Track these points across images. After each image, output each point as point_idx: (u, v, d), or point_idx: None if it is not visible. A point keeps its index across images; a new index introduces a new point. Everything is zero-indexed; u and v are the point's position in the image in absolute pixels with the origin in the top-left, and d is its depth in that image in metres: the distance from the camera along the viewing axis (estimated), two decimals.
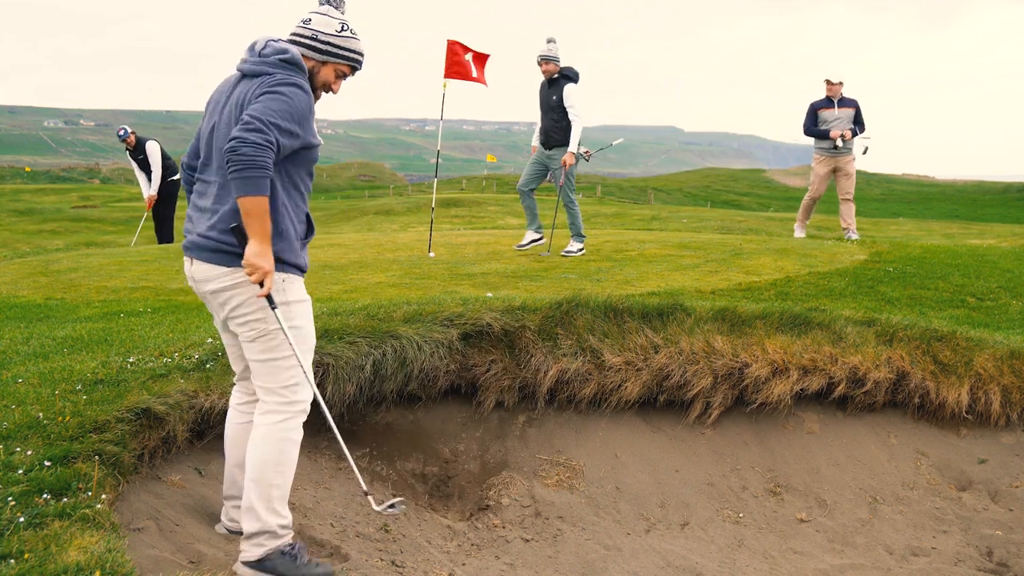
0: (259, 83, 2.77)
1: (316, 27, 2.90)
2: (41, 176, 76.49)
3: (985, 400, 4.59)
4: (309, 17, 2.93)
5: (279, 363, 2.87)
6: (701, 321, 4.63)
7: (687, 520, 4.16)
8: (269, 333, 2.83)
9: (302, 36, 2.91)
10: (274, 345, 2.85)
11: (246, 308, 2.83)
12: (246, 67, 2.85)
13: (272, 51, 2.83)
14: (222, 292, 2.84)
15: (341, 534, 3.50)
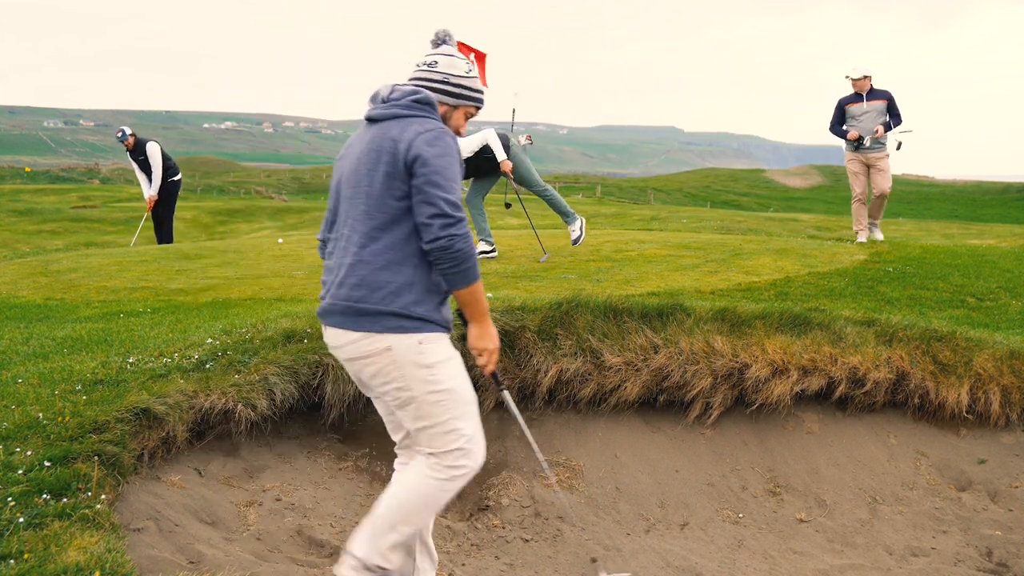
0: (401, 129, 2.59)
1: (445, 70, 2.76)
2: (41, 176, 76.47)
3: (985, 400, 4.59)
4: (434, 60, 2.77)
5: (436, 429, 2.63)
6: (701, 321, 4.63)
7: (687, 520, 4.16)
8: (416, 399, 2.61)
9: (432, 80, 2.75)
10: (426, 412, 2.62)
11: (386, 377, 2.62)
12: (376, 113, 2.68)
13: (401, 94, 2.68)
14: (357, 360, 2.64)
15: (341, 534, 3.50)
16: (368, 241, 2.59)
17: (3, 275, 7.65)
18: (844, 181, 38.85)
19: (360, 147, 2.67)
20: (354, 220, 2.63)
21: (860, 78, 9.17)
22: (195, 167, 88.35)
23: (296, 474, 3.82)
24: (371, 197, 2.58)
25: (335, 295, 2.64)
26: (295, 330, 4.10)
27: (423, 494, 2.66)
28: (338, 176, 2.76)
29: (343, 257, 2.65)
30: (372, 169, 2.59)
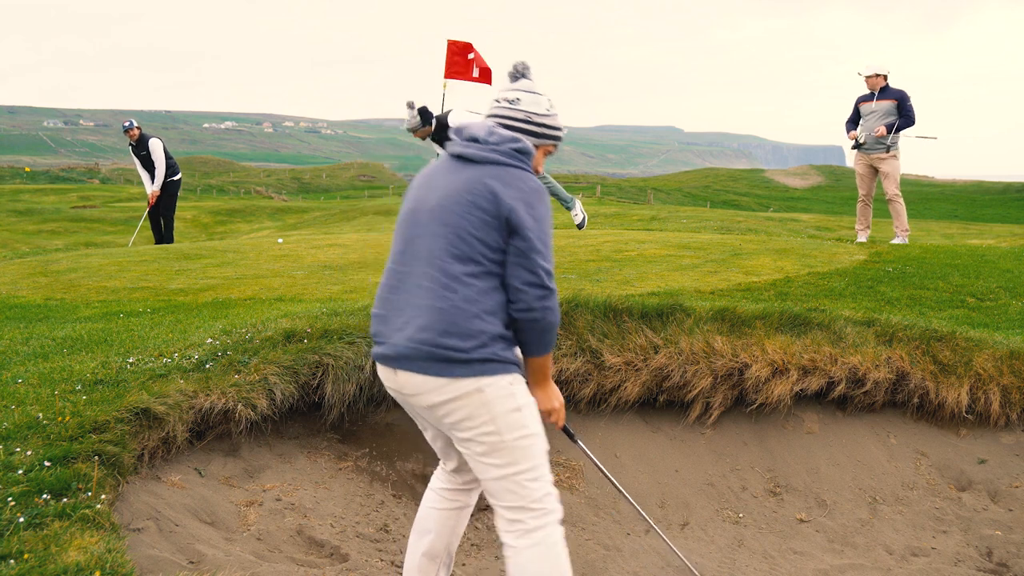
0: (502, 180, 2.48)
1: (527, 108, 2.65)
2: (41, 176, 76.49)
3: (985, 400, 4.59)
4: (517, 97, 2.66)
5: (522, 476, 2.52)
6: (701, 321, 4.63)
7: (687, 520, 4.16)
8: (506, 444, 2.49)
9: (514, 119, 2.64)
10: (515, 457, 2.51)
11: (473, 421, 2.48)
12: (472, 154, 2.53)
13: (500, 139, 2.55)
14: (441, 405, 2.50)
15: (341, 534, 3.50)
16: (457, 285, 2.45)
17: (3, 275, 7.65)
18: (844, 181, 39.37)
19: (451, 184, 2.52)
20: (438, 260, 2.47)
21: (871, 76, 9.03)
22: (195, 167, 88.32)
23: (296, 474, 3.82)
24: (463, 240, 2.46)
25: (414, 339, 2.46)
26: (295, 330, 4.10)
27: (545, 557, 2.53)
28: (414, 205, 2.59)
29: (418, 297, 2.48)
30: (467, 213, 2.46)
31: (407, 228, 2.59)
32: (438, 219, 2.50)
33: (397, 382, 2.56)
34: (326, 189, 79.16)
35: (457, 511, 2.85)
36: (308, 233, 23.04)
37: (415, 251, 2.53)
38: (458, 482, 2.84)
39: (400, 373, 2.52)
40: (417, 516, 2.88)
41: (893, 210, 9.26)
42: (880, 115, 8.98)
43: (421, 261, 2.51)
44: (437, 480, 2.88)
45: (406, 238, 2.58)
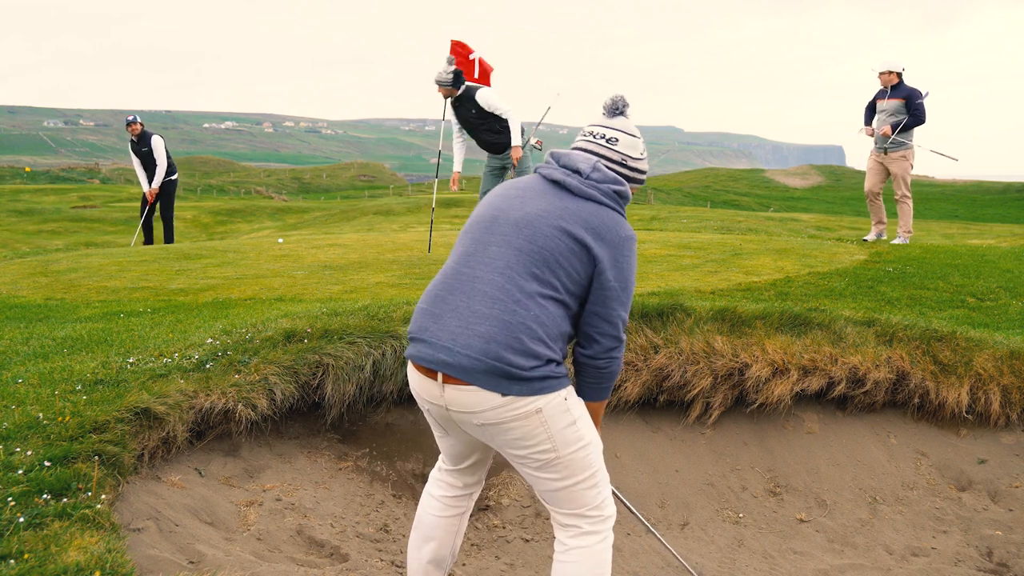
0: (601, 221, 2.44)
1: (625, 151, 2.60)
2: (41, 176, 76.51)
3: (985, 400, 4.59)
4: (615, 137, 2.60)
5: (579, 486, 2.51)
6: (701, 321, 4.63)
7: (687, 520, 4.16)
8: (562, 458, 2.46)
9: (610, 160, 2.59)
10: (571, 471, 2.48)
11: (530, 440, 2.42)
12: (574, 186, 2.47)
13: (603, 178, 2.50)
14: (498, 425, 2.41)
15: (341, 534, 3.50)
16: (530, 303, 2.37)
17: (3, 275, 7.65)
18: (844, 181, 39.32)
19: (545, 206, 2.45)
20: (515, 273, 2.39)
21: (882, 73, 9.02)
22: (195, 167, 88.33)
23: (296, 474, 3.82)
24: (545, 263, 2.40)
25: (475, 348, 2.35)
26: (295, 330, 4.10)
27: (596, 561, 2.54)
28: (495, 214, 2.50)
29: (484, 305, 2.38)
30: (557, 237, 2.40)
31: (482, 233, 2.49)
32: (523, 234, 2.42)
33: (447, 397, 2.42)
34: (326, 189, 79.20)
35: (459, 516, 2.84)
36: (308, 233, 23.05)
37: (488, 258, 2.44)
38: (459, 486, 2.81)
39: (449, 388, 2.40)
40: (418, 522, 2.86)
41: (900, 210, 9.23)
42: (889, 113, 8.95)
43: (493, 270, 2.41)
44: (437, 488, 2.84)
45: (479, 242, 2.48)
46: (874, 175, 9.25)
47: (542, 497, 2.59)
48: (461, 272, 2.46)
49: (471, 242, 2.50)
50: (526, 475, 2.55)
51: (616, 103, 2.64)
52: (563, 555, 2.57)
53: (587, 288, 2.44)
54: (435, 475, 2.87)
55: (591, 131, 2.63)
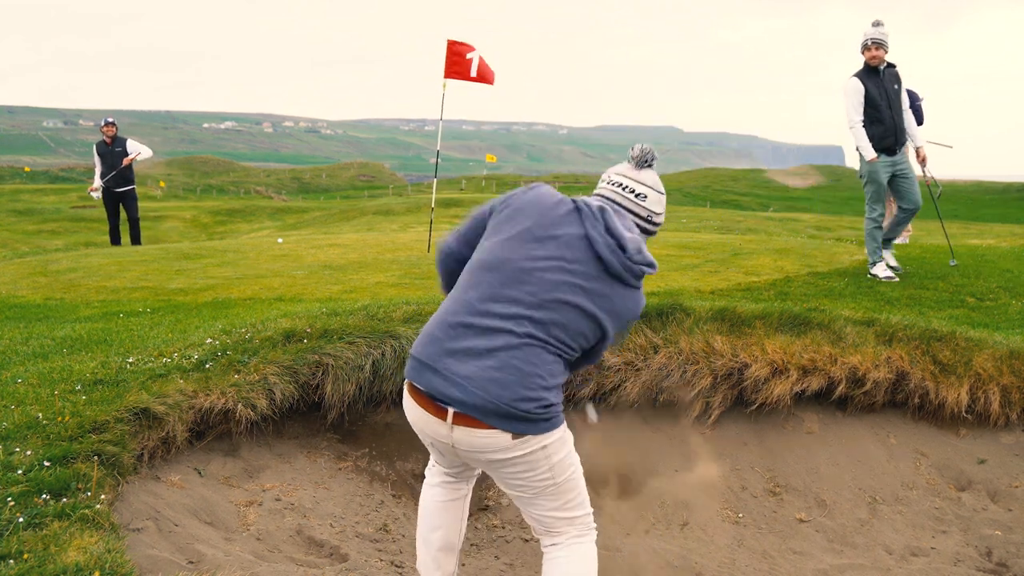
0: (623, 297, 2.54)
1: (652, 207, 2.64)
2: (40, 176, 76.50)
3: (985, 400, 4.58)
4: (644, 194, 2.62)
5: (565, 507, 2.59)
6: (701, 321, 4.63)
7: (687, 520, 4.16)
8: (558, 484, 2.55)
9: (638, 216, 2.62)
10: (564, 492, 2.57)
11: (532, 472, 2.50)
12: (613, 264, 2.50)
13: (643, 260, 2.56)
14: (505, 462, 2.48)
15: (341, 534, 3.50)
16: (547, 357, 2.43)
17: (3, 275, 7.65)
18: (844, 181, 39.33)
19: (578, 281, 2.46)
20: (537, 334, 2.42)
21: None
22: (195, 167, 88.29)
23: (296, 474, 3.82)
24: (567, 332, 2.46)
25: (494, 394, 2.37)
26: (295, 330, 4.10)
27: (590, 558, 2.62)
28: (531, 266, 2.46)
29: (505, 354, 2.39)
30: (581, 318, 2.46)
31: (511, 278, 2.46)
32: (551, 306, 2.43)
33: (451, 438, 2.46)
34: (326, 189, 79.18)
35: (462, 499, 2.89)
36: (308, 233, 23.04)
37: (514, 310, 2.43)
38: (454, 474, 2.87)
39: (458, 430, 2.43)
40: (422, 514, 2.89)
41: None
42: None
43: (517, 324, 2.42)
44: (435, 476, 2.89)
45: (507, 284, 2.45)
46: None
47: (531, 518, 2.65)
48: (482, 312, 2.44)
49: (494, 282, 2.46)
50: (518, 501, 2.62)
51: (645, 156, 2.63)
52: (559, 550, 2.63)
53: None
54: (430, 467, 2.93)
55: (620, 182, 2.61)
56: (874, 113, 6.68)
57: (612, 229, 2.50)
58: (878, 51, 6.68)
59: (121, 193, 11.49)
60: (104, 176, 11.32)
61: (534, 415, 2.40)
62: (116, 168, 11.24)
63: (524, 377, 2.39)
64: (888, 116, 6.68)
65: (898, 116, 6.70)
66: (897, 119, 6.69)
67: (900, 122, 6.72)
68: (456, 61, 8.30)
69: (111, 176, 11.26)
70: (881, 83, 6.71)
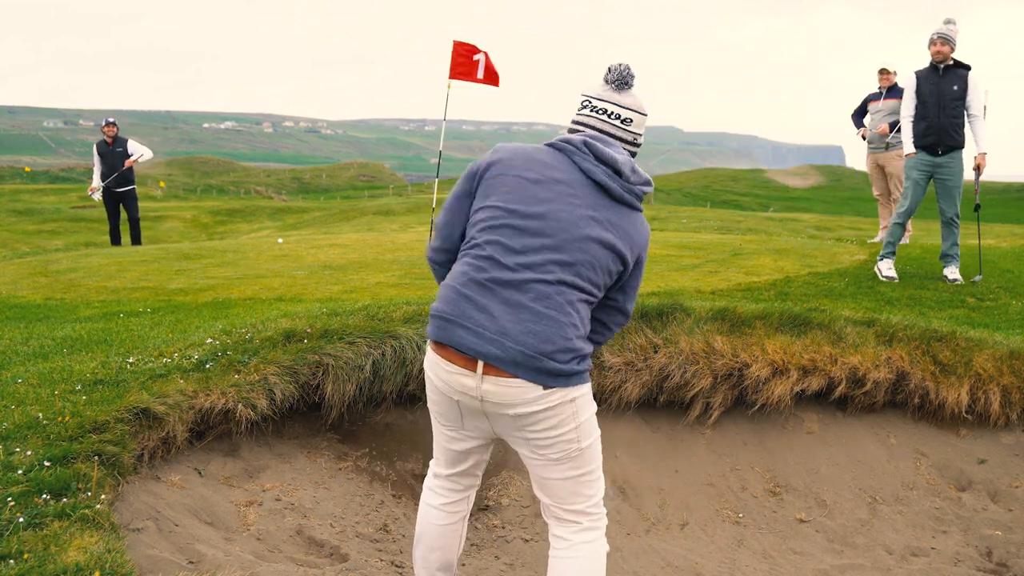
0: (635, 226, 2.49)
1: (636, 130, 2.59)
2: (40, 176, 76.52)
3: (985, 400, 4.59)
4: (629, 118, 2.55)
5: (584, 478, 2.55)
6: (701, 321, 4.63)
7: (687, 520, 4.16)
8: (582, 449, 2.51)
9: (624, 141, 2.57)
10: (583, 461, 2.53)
11: (560, 429, 2.45)
12: (615, 191, 2.46)
13: (640, 180, 2.51)
14: (533, 415, 2.43)
15: (341, 534, 3.50)
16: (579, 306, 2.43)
17: (3, 275, 7.65)
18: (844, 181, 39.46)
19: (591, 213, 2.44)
20: (565, 279, 2.41)
21: (885, 73, 9.09)
22: (195, 167, 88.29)
23: (296, 474, 3.82)
24: (593, 270, 2.44)
25: (531, 347, 2.36)
26: (295, 330, 4.10)
27: (599, 556, 2.61)
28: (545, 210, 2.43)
29: (538, 304, 2.37)
30: (602, 251, 2.43)
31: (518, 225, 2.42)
32: (570, 245, 2.41)
33: (479, 390, 2.41)
34: (326, 189, 79.19)
35: (461, 520, 2.84)
36: (308, 233, 23.04)
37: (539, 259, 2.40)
38: (457, 489, 2.80)
39: (489, 380, 2.39)
40: (420, 534, 2.84)
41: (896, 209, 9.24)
42: (885, 113, 9.02)
43: (545, 272, 2.39)
44: (435, 497, 2.81)
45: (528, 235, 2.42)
46: (878, 178, 9.31)
47: (548, 490, 2.57)
48: (505, 264, 2.41)
49: (512, 233, 2.42)
50: (539, 468, 2.55)
51: (624, 75, 2.54)
52: (566, 551, 2.58)
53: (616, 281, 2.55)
54: (430, 483, 2.83)
55: (603, 108, 2.53)
56: (922, 110, 6.60)
57: (603, 156, 2.47)
58: (943, 46, 6.52)
59: (121, 193, 11.54)
60: (105, 177, 11.35)
61: (569, 368, 2.40)
62: (117, 169, 11.28)
63: (561, 327, 2.38)
64: (934, 115, 6.53)
65: (947, 117, 6.50)
66: (944, 120, 6.50)
67: (948, 124, 6.51)
68: (462, 62, 8.30)
69: (112, 177, 11.29)
70: (938, 82, 6.56)
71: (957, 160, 6.61)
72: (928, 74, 6.65)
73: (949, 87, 6.54)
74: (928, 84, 6.60)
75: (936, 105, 6.55)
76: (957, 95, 6.52)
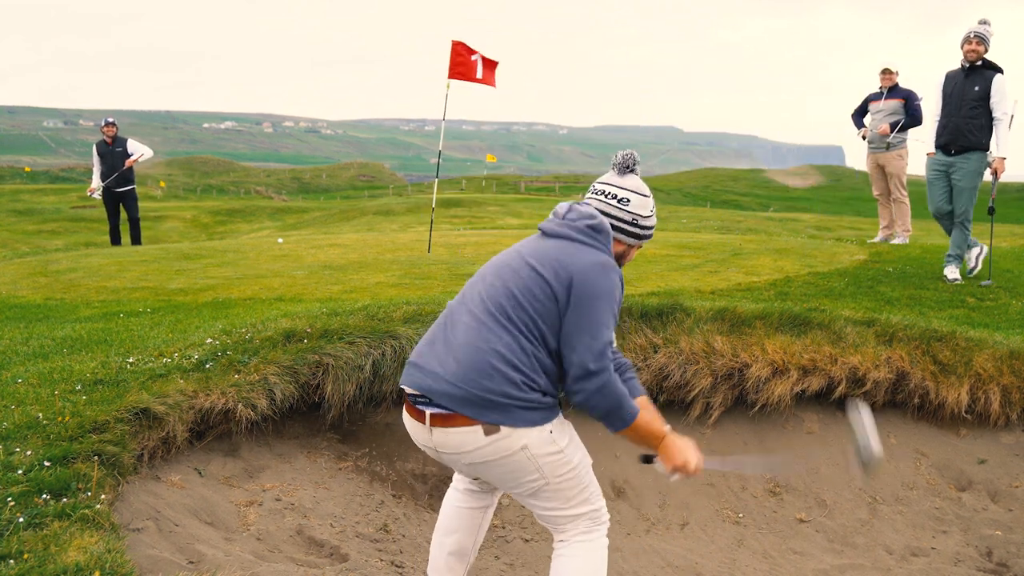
0: (569, 254, 2.49)
1: (635, 211, 2.64)
2: (40, 176, 76.55)
3: (985, 400, 4.59)
4: (626, 198, 2.63)
5: (571, 503, 2.58)
6: (701, 321, 4.63)
7: (687, 520, 4.16)
8: (550, 485, 2.52)
9: (620, 220, 2.63)
10: (562, 495, 2.56)
11: (517, 473, 2.49)
12: (549, 228, 2.58)
13: (578, 216, 2.56)
14: (485, 463, 2.49)
15: (341, 534, 3.50)
16: (501, 332, 2.43)
17: (3, 275, 7.66)
18: (844, 181, 39.54)
19: (520, 249, 2.59)
20: (485, 305, 2.49)
21: (887, 73, 9.11)
22: (195, 167, 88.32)
23: (296, 474, 3.82)
24: (512, 296, 2.46)
25: (457, 376, 2.41)
26: (295, 330, 4.10)
27: (594, 556, 2.62)
28: (490, 260, 2.65)
29: (463, 336, 2.46)
30: (522, 275, 2.48)
31: (475, 279, 2.62)
32: (499, 274, 2.53)
33: (432, 440, 2.49)
34: (326, 189, 79.21)
35: (483, 510, 2.87)
36: (308, 233, 23.05)
37: (472, 296, 2.55)
38: (481, 484, 2.85)
39: (436, 431, 2.46)
40: (442, 514, 2.89)
41: (897, 209, 9.29)
42: (886, 113, 9.02)
43: (473, 305, 2.51)
44: (462, 481, 2.88)
45: (471, 285, 2.61)
46: (878, 178, 9.31)
47: (538, 517, 2.66)
48: (453, 309, 2.59)
49: (465, 287, 2.64)
50: (519, 499, 2.62)
51: (627, 161, 2.67)
52: (565, 548, 2.63)
53: (556, 319, 2.45)
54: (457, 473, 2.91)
55: (602, 190, 2.66)
56: (943, 109, 6.61)
57: (555, 210, 2.64)
58: (978, 45, 6.45)
59: (121, 193, 11.55)
60: (105, 177, 11.37)
61: (501, 400, 2.38)
62: (117, 169, 11.30)
63: (482, 354, 2.41)
64: (951, 115, 6.52)
65: (963, 118, 6.47)
66: (960, 120, 6.48)
67: (964, 124, 6.48)
68: (461, 62, 8.30)
69: (112, 177, 11.31)
70: (961, 82, 6.53)
71: (971, 161, 6.57)
72: (955, 73, 6.63)
73: (971, 88, 6.50)
74: (951, 83, 6.59)
75: (955, 105, 6.53)
76: (978, 96, 6.48)
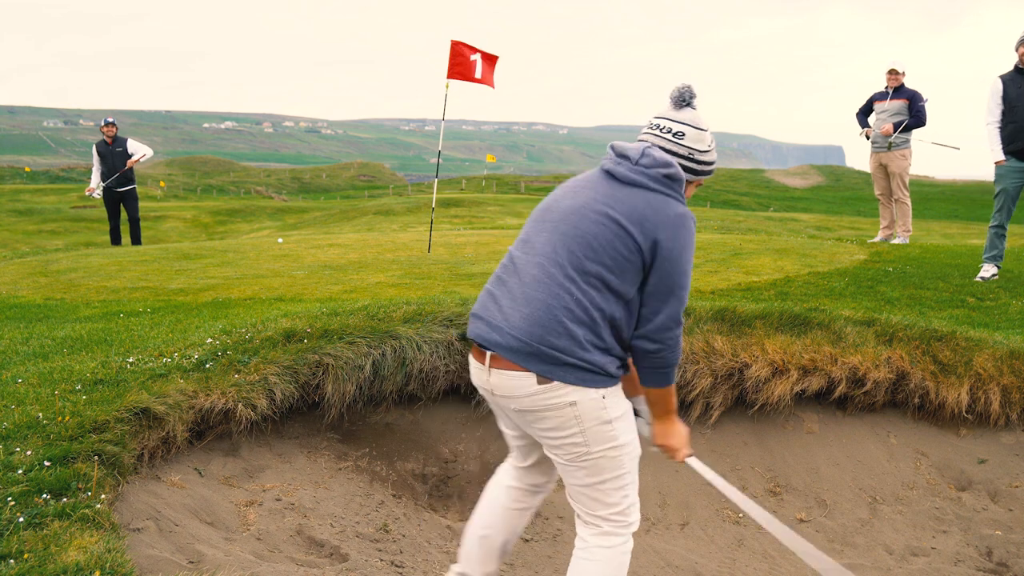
0: (650, 205, 2.40)
1: (692, 144, 2.55)
2: (40, 176, 76.58)
3: (985, 400, 4.58)
4: (682, 131, 2.55)
5: (608, 485, 2.53)
6: (701, 321, 4.63)
7: (687, 520, 4.16)
8: (592, 456, 2.47)
9: (677, 155, 2.54)
10: (601, 468, 2.50)
11: (561, 431, 2.45)
12: (622, 174, 2.46)
13: (652, 163, 2.46)
14: (532, 412, 2.45)
15: (341, 534, 3.50)
16: (572, 287, 2.38)
17: (3, 275, 7.66)
18: (844, 181, 39.66)
19: (592, 194, 2.47)
20: (559, 258, 2.41)
21: (894, 73, 9.10)
22: (195, 167, 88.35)
23: (296, 474, 3.82)
24: (590, 247, 2.39)
25: (523, 331, 2.38)
26: (295, 330, 4.10)
27: (615, 563, 2.56)
28: (549, 204, 2.54)
29: (532, 288, 2.41)
30: (599, 223, 2.40)
31: (536, 222, 2.53)
32: (569, 221, 2.44)
33: (490, 382, 2.48)
34: (326, 189, 79.24)
35: (521, 511, 2.83)
36: (308, 233, 23.05)
37: (539, 244, 2.47)
38: (527, 483, 2.81)
39: (494, 372, 2.45)
40: (481, 507, 2.85)
41: (899, 209, 9.31)
42: (890, 114, 9.04)
43: (541, 255, 2.44)
44: (507, 476, 2.84)
45: (533, 230, 2.52)
46: (880, 178, 9.33)
47: (569, 492, 2.61)
48: (516, 257, 2.52)
49: (528, 230, 2.55)
50: (560, 470, 2.58)
51: (683, 94, 2.58)
52: (583, 552, 2.59)
53: (637, 272, 2.41)
54: (506, 466, 2.87)
55: (657, 123, 2.58)
56: (1010, 115, 6.50)
57: (620, 151, 2.52)
58: None
59: (122, 193, 11.57)
60: (105, 177, 11.39)
61: (566, 356, 2.35)
62: (117, 169, 11.34)
63: (552, 310, 2.37)
64: (1023, 119, 6.43)
65: None
66: None
67: None
68: (460, 62, 8.31)
69: (112, 177, 11.34)
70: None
71: None
72: (1014, 77, 6.56)
73: None
74: (1015, 87, 6.50)
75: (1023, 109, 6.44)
76: None
